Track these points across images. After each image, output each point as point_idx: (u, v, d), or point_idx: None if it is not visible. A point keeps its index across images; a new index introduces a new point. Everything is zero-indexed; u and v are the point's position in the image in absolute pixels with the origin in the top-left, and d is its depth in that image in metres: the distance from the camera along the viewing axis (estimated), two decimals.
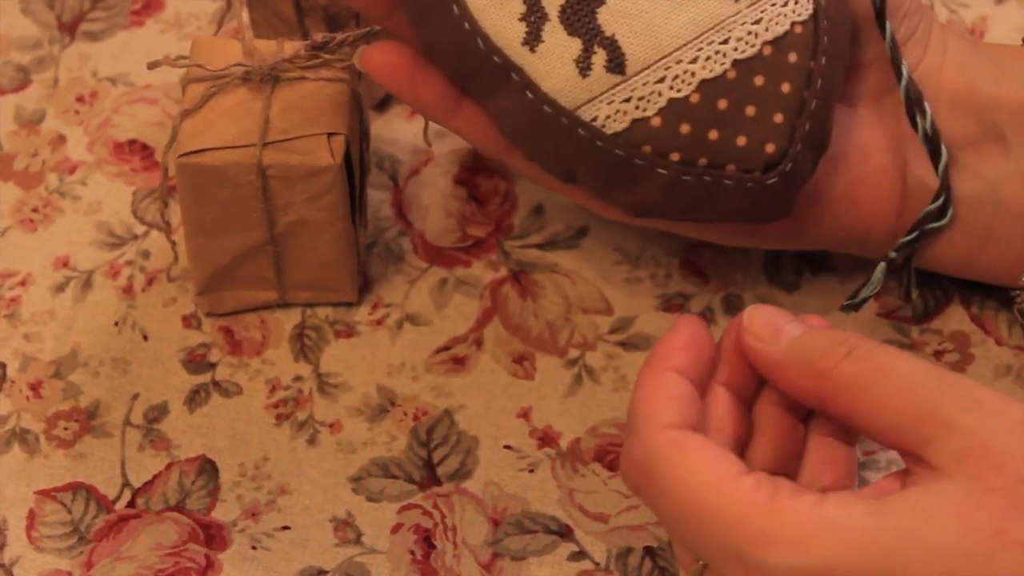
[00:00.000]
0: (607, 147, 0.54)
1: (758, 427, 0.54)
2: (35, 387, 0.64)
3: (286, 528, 0.60)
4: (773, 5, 0.54)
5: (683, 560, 0.53)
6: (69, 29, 0.74)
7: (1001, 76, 0.59)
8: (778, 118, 0.54)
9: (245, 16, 0.64)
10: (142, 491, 0.61)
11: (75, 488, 0.61)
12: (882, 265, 0.59)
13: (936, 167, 0.58)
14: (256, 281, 0.64)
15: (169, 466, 0.61)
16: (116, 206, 0.68)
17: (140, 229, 0.68)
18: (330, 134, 0.61)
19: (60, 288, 0.66)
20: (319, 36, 0.63)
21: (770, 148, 0.54)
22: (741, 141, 0.54)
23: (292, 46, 0.63)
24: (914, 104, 0.58)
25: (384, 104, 0.71)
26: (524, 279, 0.66)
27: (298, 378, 0.63)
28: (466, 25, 0.54)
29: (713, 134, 0.54)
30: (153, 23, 0.74)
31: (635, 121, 0.54)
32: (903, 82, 0.57)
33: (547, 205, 0.68)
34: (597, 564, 0.58)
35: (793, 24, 0.55)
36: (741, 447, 0.54)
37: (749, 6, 0.54)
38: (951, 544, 0.47)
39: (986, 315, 0.63)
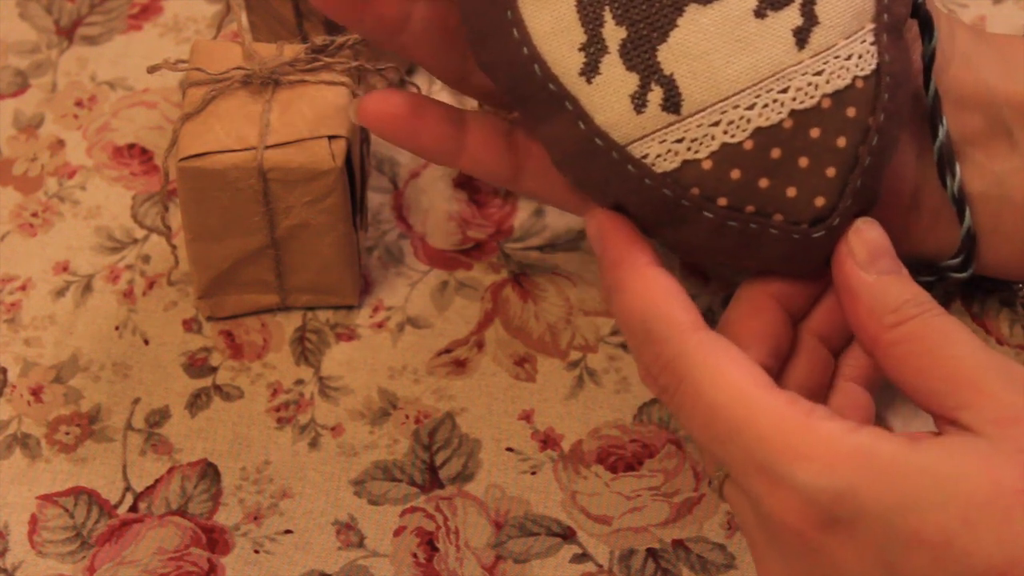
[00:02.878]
0: (655, 185, 0.53)
1: (796, 350, 0.56)
2: (36, 392, 0.64)
3: (288, 532, 0.60)
4: (836, 58, 0.54)
5: (708, 466, 0.54)
6: (67, 33, 0.74)
7: (1007, 70, 0.59)
8: (831, 172, 0.54)
9: (244, 19, 0.64)
10: (144, 495, 0.61)
11: (77, 493, 0.61)
12: None
13: (961, 226, 0.58)
14: (257, 285, 0.64)
15: (171, 470, 0.61)
16: (116, 210, 0.68)
17: (140, 233, 0.68)
18: (331, 137, 0.61)
19: (60, 293, 0.66)
20: (319, 39, 0.63)
21: (820, 201, 0.54)
22: (791, 192, 0.54)
23: (292, 49, 0.63)
24: (946, 165, 0.58)
25: None
26: (525, 281, 0.66)
27: (299, 381, 0.63)
28: (524, 50, 0.53)
29: (763, 182, 0.53)
30: (151, 27, 0.74)
31: (686, 162, 0.53)
32: (938, 143, 0.57)
33: (547, 207, 0.68)
34: (600, 566, 0.58)
35: (855, 79, 0.54)
36: (782, 361, 0.56)
37: (812, 56, 0.53)
38: (972, 492, 0.48)
39: (988, 315, 0.63)
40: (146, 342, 0.65)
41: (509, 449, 0.61)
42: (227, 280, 0.64)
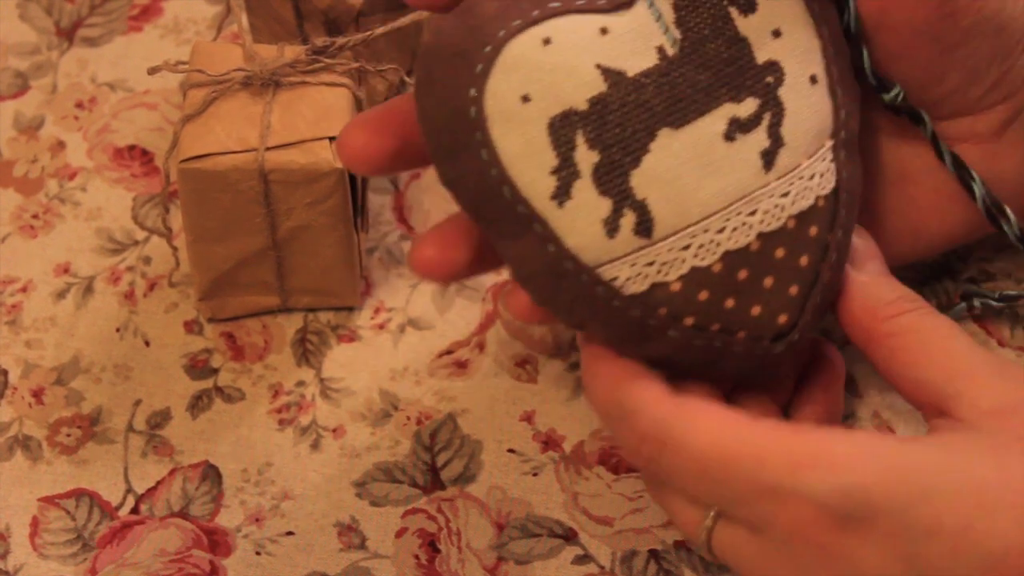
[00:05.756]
0: (623, 307, 0.52)
1: (743, 406, 0.56)
2: (37, 394, 0.64)
3: (290, 533, 0.60)
4: (801, 179, 0.54)
5: (688, 522, 0.53)
6: (67, 35, 0.74)
7: None
8: (793, 290, 0.54)
9: (244, 21, 0.64)
10: (145, 497, 0.61)
11: (78, 495, 0.61)
12: (961, 306, 0.62)
13: None
14: (258, 286, 0.64)
15: (172, 472, 0.61)
16: (116, 212, 0.68)
17: (141, 235, 0.68)
18: (332, 138, 0.61)
19: (61, 295, 0.66)
20: (319, 40, 0.63)
21: (782, 319, 0.54)
22: (756, 310, 0.54)
23: (293, 51, 0.63)
24: (995, 212, 0.57)
25: None
26: None
27: (300, 383, 0.63)
28: (493, 172, 0.51)
29: (730, 302, 0.53)
30: (151, 28, 0.74)
31: (655, 285, 0.53)
32: (979, 197, 0.57)
33: None
34: (602, 567, 0.58)
35: (817, 198, 0.54)
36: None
37: (778, 178, 0.53)
38: (983, 479, 0.48)
39: (988, 316, 0.63)
40: (147, 344, 0.65)
41: (511, 450, 0.61)
42: (228, 282, 0.64)
